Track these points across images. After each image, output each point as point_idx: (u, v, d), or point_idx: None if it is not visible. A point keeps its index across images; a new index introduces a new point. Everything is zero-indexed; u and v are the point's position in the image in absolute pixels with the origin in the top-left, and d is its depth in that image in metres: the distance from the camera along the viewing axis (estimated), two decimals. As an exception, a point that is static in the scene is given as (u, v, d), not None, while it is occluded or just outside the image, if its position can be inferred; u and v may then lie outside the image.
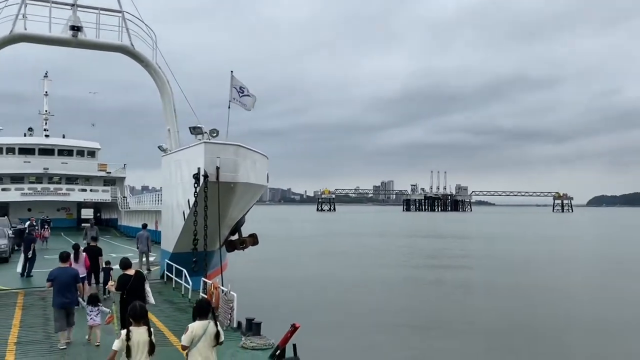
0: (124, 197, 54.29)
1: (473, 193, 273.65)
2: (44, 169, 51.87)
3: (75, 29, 20.01)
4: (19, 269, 21.85)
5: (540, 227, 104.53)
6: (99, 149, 57.62)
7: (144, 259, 22.26)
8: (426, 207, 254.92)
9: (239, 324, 12.97)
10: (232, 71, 17.00)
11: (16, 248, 28.37)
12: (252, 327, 12.26)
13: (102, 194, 54.43)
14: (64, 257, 11.77)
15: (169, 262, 19.43)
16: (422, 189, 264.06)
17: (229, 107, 17.10)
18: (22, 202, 50.11)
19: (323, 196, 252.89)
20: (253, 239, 21.38)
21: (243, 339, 11.72)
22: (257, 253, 28.70)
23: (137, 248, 22.36)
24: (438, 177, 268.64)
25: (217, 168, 16.14)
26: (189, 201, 17.42)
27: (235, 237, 20.89)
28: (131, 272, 10.53)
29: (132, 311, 6.56)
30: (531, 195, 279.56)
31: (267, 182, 20.74)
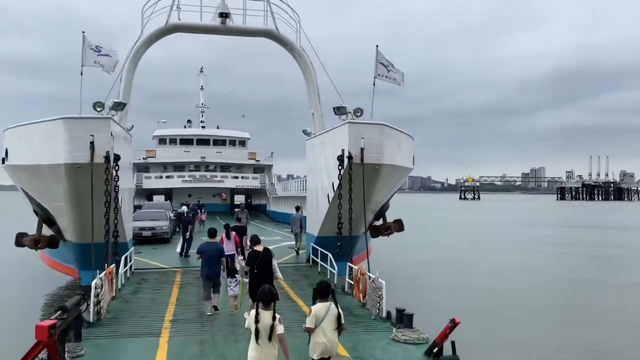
0: (271, 183, 56.67)
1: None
2: (201, 157, 55.76)
3: (224, 15, 20.59)
4: (178, 249, 23.29)
5: None
6: (248, 138, 60.75)
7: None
8: (584, 195, 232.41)
9: (388, 314, 12.10)
10: (377, 45, 16.04)
11: (177, 230, 30.54)
12: (403, 319, 11.29)
13: (252, 181, 57.17)
14: (212, 233, 13.08)
15: (314, 245, 19.21)
16: (579, 176, 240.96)
17: (373, 84, 16.21)
18: (183, 189, 54.51)
19: (466, 184, 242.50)
20: (398, 225, 20.37)
21: (394, 331, 10.80)
22: (400, 240, 27.58)
23: (292, 230, 23.09)
24: (598, 163, 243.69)
25: (362, 149, 15.37)
26: (333, 184, 16.91)
27: (380, 222, 20.06)
28: (260, 248, 11.16)
29: (262, 295, 6.52)
30: None
31: (413, 164, 19.53)
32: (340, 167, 15.67)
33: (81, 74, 14.86)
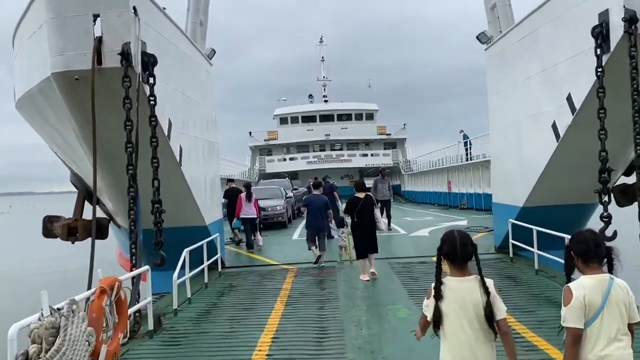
0: (406, 160, 49.28)
1: None
2: (325, 135, 50.25)
3: None
4: (295, 236, 16.35)
5: None
6: (376, 110, 53.85)
7: None
8: None
9: None
10: None
11: (299, 213, 23.88)
12: None
13: (382, 158, 50.17)
14: (317, 185, 12.77)
15: (516, 222, 10.97)
16: None
17: None
18: (308, 171, 48.91)
19: None
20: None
21: None
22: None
23: None
24: None
25: (649, 5, 6.90)
26: (570, 98, 8.52)
27: (632, 178, 11.20)
28: (361, 195, 10.20)
29: (447, 243, 3.30)
30: None
31: None
32: (600, 50, 7.27)
33: None
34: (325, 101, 54.87)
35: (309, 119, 51.77)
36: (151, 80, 7.39)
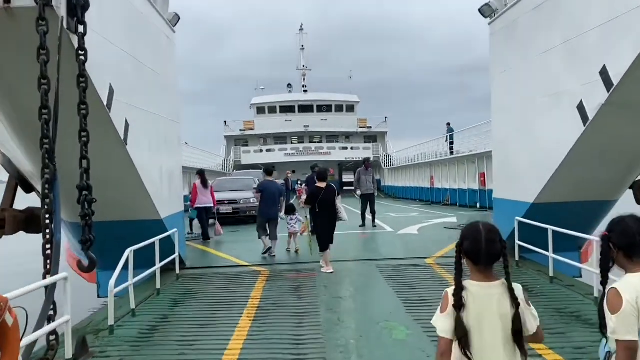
0: (386, 154, 48.10)
1: None
2: (304, 126, 48.73)
3: None
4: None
5: None
6: (357, 102, 52.33)
7: None
8: None
9: None
10: None
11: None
12: None
13: (363, 152, 48.70)
14: (269, 171, 12.26)
15: (524, 220, 9.51)
16: None
17: None
18: (286, 163, 47.23)
19: None
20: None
21: None
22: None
23: None
24: None
25: None
26: (604, 70, 7.02)
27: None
28: (323, 185, 10.01)
29: (471, 238, 2.64)
30: None
31: None
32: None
33: None
34: (305, 91, 53.17)
35: (287, 109, 50.14)
36: (81, 29, 5.64)
